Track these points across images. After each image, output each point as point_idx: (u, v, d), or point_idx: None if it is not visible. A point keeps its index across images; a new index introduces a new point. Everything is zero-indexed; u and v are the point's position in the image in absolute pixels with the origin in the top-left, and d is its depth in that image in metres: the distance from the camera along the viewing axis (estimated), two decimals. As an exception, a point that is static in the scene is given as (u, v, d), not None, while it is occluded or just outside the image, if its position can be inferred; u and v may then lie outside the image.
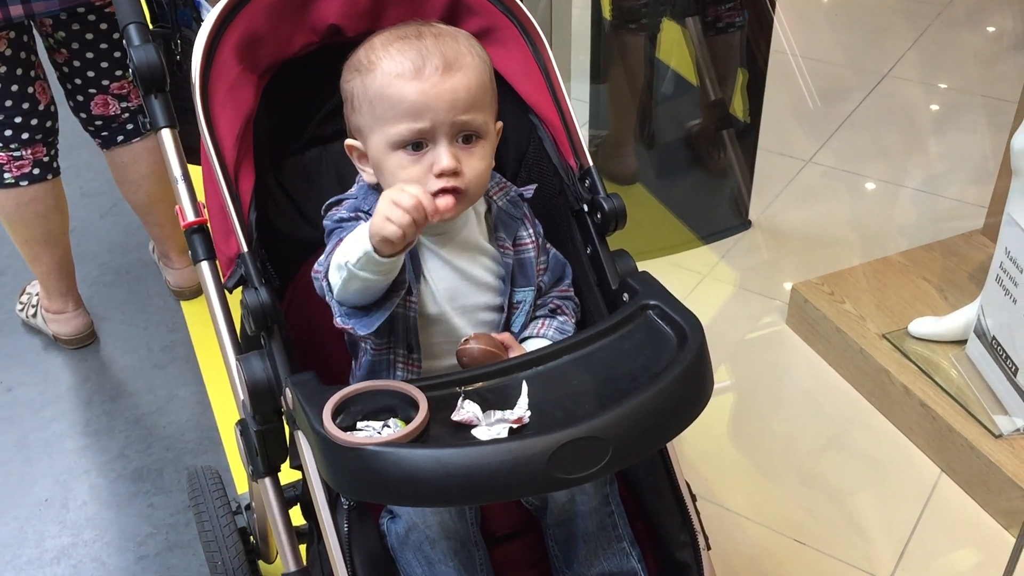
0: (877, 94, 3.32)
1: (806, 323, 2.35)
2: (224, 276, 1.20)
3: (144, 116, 1.33)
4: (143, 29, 1.34)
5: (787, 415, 2.19)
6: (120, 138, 2.28)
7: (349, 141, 1.23)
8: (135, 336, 2.46)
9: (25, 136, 2.13)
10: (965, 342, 2.10)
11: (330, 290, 1.11)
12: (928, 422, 2.04)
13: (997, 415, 1.96)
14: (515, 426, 0.97)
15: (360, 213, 1.18)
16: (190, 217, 1.31)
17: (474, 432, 0.97)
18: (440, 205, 1.08)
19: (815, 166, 2.98)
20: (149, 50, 1.31)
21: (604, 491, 1.21)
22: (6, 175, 2.14)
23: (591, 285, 1.29)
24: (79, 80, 2.19)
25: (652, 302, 1.11)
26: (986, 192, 2.52)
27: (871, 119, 3.20)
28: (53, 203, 2.23)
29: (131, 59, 1.31)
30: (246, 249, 1.15)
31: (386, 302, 1.10)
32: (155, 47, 1.31)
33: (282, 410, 1.14)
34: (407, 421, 0.98)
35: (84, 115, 2.25)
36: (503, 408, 1.00)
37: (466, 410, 0.99)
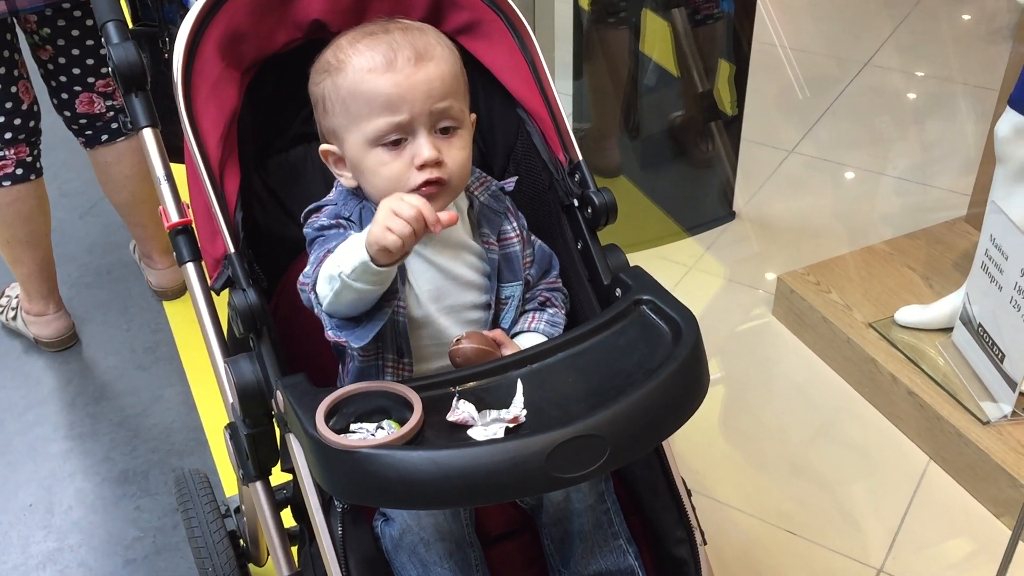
0: (858, 83, 3.33)
1: (793, 313, 2.35)
2: (211, 278, 1.18)
3: (127, 116, 1.31)
4: (122, 27, 1.32)
5: (776, 406, 2.19)
6: (104, 137, 2.25)
7: (324, 147, 1.20)
8: (117, 337, 2.43)
9: (8, 136, 2.10)
10: (951, 330, 2.10)
11: (319, 302, 1.09)
12: (916, 410, 2.04)
13: (984, 402, 1.97)
14: (511, 425, 0.96)
15: (341, 220, 1.16)
16: (174, 218, 1.28)
17: (470, 432, 0.95)
18: (444, 219, 1.02)
19: (798, 156, 2.99)
20: (128, 48, 1.28)
21: (599, 488, 1.21)
22: None
23: (582, 280, 1.28)
24: (64, 77, 2.15)
25: (645, 297, 1.10)
26: (968, 180, 2.53)
27: (852, 108, 3.21)
28: (36, 203, 2.20)
29: (110, 57, 1.29)
30: (233, 250, 1.13)
31: (378, 312, 1.08)
32: (135, 45, 1.29)
33: (273, 413, 1.12)
34: (401, 422, 0.97)
35: (68, 113, 2.22)
36: (498, 407, 0.98)
37: (461, 410, 0.98)
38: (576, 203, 1.26)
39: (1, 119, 2.07)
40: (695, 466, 2.03)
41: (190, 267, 1.27)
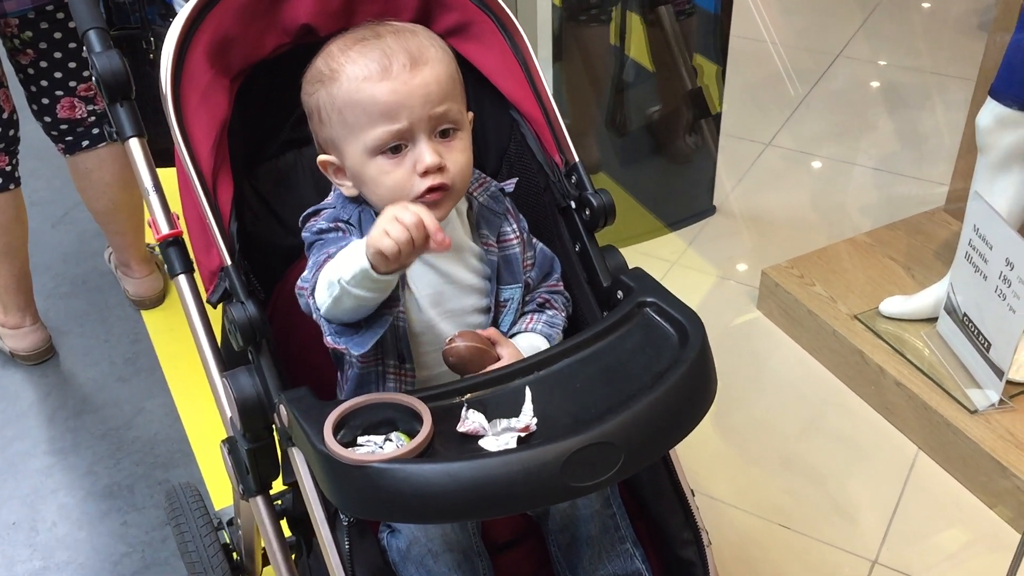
0: (831, 75, 3.35)
1: (778, 307, 2.35)
2: (207, 291, 1.15)
3: (111, 125, 1.28)
4: (104, 35, 1.29)
5: (766, 400, 2.19)
6: (85, 143, 2.19)
7: (322, 157, 1.18)
8: (96, 349, 2.39)
9: None
10: (936, 320, 2.12)
11: (317, 308, 1.07)
12: (904, 401, 2.05)
13: (971, 390, 1.98)
14: (523, 435, 0.95)
15: (340, 223, 1.14)
16: (164, 230, 1.25)
17: (481, 443, 0.94)
18: (439, 239, 0.98)
19: (775, 149, 3.00)
20: (112, 56, 1.25)
21: (605, 493, 1.20)
22: None
23: (581, 283, 1.26)
24: (45, 82, 2.10)
25: (649, 299, 1.09)
26: (945, 169, 2.54)
27: (827, 100, 3.23)
28: (14, 214, 2.15)
29: (94, 66, 1.25)
30: (229, 262, 1.11)
31: (379, 319, 1.06)
32: (118, 53, 1.26)
33: (274, 426, 1.10)
34: (409, 434, 0.96)
35: (48, 119, 2.16)
36: (507, 416, 0.97)
37: (471, 420, 0.96)
38: (573, 205, 1.25)
39: None
40: (688, 464, 2.02)
41: (182, 279, 1.24)
